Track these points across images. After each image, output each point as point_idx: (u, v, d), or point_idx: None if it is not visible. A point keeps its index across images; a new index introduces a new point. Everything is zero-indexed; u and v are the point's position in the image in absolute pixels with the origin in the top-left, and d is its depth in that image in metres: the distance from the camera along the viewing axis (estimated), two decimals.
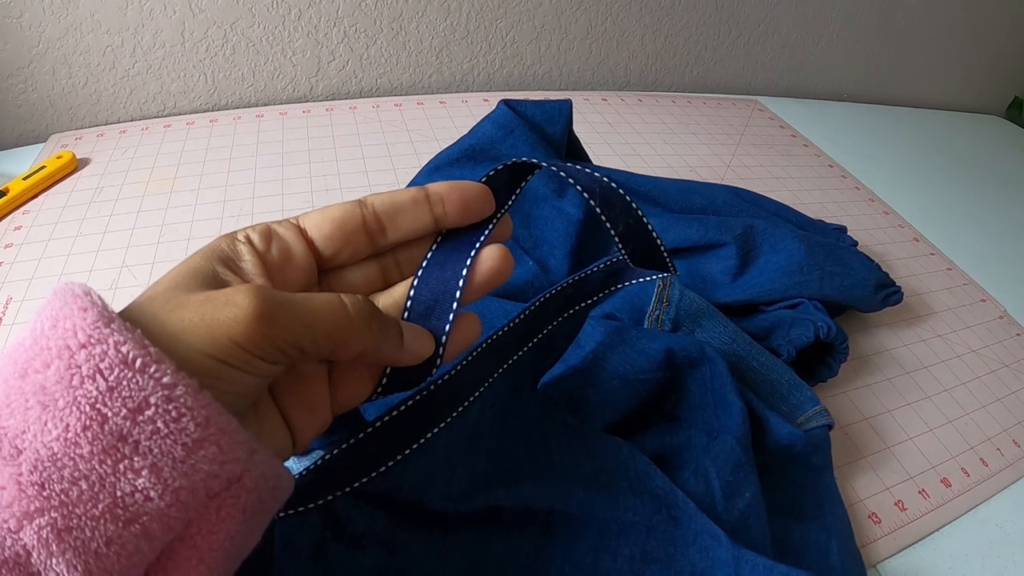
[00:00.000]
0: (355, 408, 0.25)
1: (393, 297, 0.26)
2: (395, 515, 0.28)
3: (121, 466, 0.16)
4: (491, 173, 0.27)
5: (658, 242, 0.28)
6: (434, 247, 0.26)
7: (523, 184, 0.28)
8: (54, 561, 0.15)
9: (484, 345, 0.28)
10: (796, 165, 0.83)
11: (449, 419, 0.26)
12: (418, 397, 0.25)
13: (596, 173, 0.26)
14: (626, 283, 0.33)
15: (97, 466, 0.16)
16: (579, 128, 0.59)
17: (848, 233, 0.62)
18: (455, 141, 0.53)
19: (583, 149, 0.59)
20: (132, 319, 0.18)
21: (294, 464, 0.28)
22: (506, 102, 0.53)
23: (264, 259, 0.23)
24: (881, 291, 0.54)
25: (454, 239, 0.26)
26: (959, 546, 0.42)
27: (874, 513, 0.43)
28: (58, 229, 0.55)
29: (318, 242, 0.24)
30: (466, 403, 0.27)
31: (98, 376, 0.16)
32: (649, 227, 0.27)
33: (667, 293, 0.44)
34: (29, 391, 0.16)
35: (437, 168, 0.51)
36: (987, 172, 0.95)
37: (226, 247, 0.22)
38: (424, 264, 0.26)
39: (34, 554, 0.15)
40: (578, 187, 0.26)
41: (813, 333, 0.46)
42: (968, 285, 0.67)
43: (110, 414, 0.16)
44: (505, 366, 0.29)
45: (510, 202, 0.28)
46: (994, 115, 1.20)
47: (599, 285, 0.33)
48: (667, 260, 0.28)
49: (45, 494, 0.16)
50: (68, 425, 0.16)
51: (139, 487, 0.16)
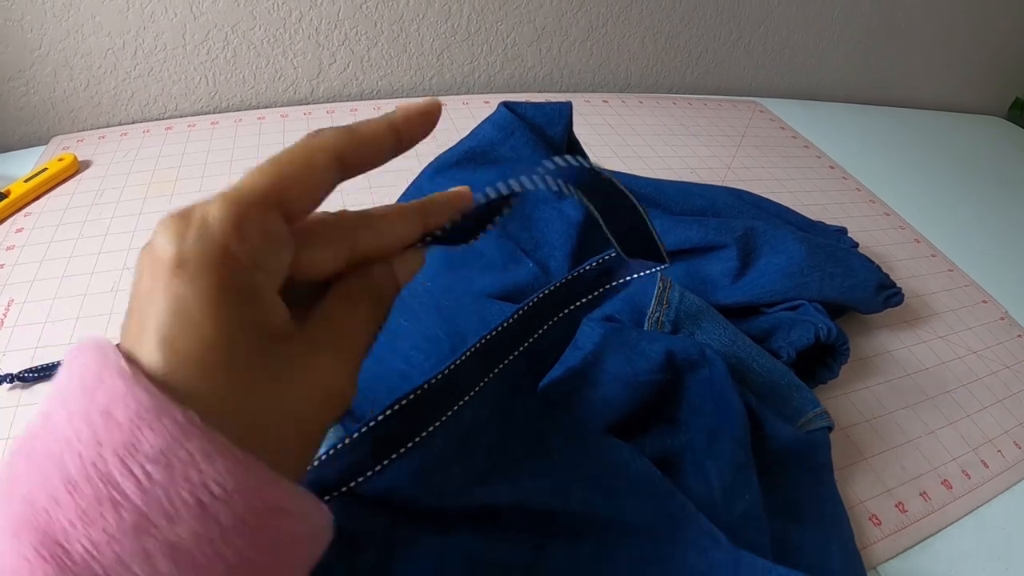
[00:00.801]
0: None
1: None
2: (393, 515, 0.28)
3: None
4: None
5: (645, 219, 0.26)
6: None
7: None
8: None
9: (478, 344, 0.28)
10: (797, 167, 0.83)
11: (444, 418, 0.26)
12: (412, 396, 0.25)
13: (577, 162, 0.24)
14: (620, 280, 0.33)
15: None
16: (580, 130, 0.59)
17: (849, 234, 0.61)
18: (455, 143, 0.53)
19: (583, 151, 0.59)
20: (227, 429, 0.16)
21: None
22: (506, 104, 0.53)
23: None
24: (882, 292, 0.54)
25: None
26: (960, 548, 0.42)
27: (874, 515, 0.43)
28: (60, 231, 0.55)
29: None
30: (460, 402, 0.27)
31: (247, 529, 0.16)
32: (641, 212, 0.26)
33: (667, 295, 0.44)
34: (157, 550, 0.15)
35: (438, 170, 0.51)
36: (988, 173, 0.94)
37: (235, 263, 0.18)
38: None
39: None
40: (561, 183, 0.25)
41: (814, 335, 0.46)
42: (969, 287, 0.67)
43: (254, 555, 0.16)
44: (501, 366, 0.29)
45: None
46: (995, 116, 1.20)
47: (592, 284, 0.33)
48: (656, 244, 0.27)
49: None
50: None
51: None
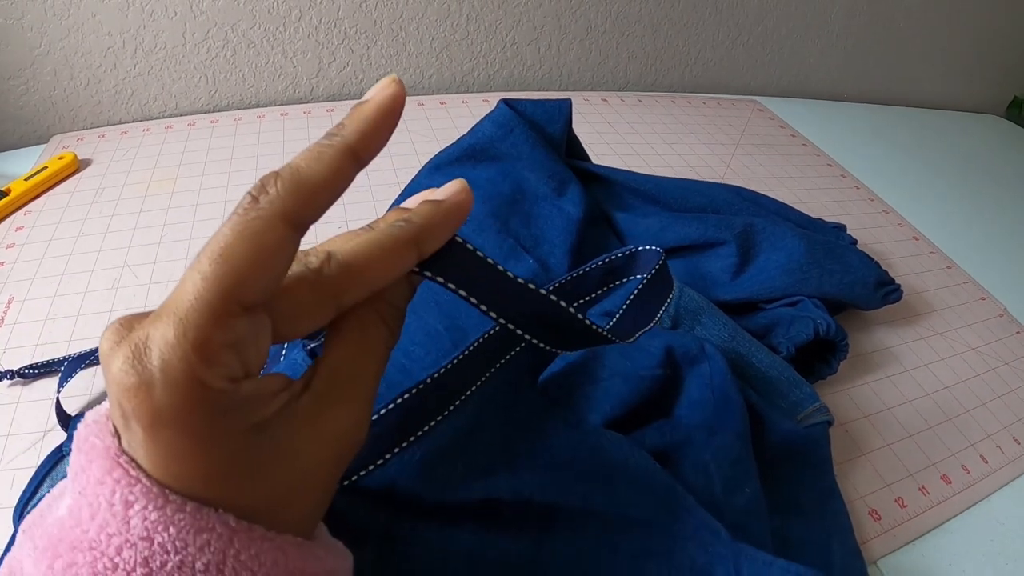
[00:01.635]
0: None
1: None
2: (394, 510, 0.28)
3: None
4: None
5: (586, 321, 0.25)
6: None
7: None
8: None
9: (480, 340, 0.28)
10: (796, 165, 0.83)
11: (446, 412, 0.26)
12: (414, 391, 0.25)
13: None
14: (625, 279, 0.33)
15: None
16: (579, 128, 0.59)
17: (847, 232, 0.62)
18: (455, 140, 0.53)
19: (583, 149, 0.59)
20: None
21: None
22: (506, 101, 0.53)
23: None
24: (881, 289, 0.54)
25: None
26: (959, 543, 0.42)
27: (874, 510, 0.43)
28: (60, 229, 0.55)
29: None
30: (463, 397, 0.27)
31: None
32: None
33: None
34: None
35: (437, 167, 0.52)
36: (987, 171, 0.94)
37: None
38: None
39: None
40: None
41: (813, 330, 0.46)
42: (968, 283, 0.67)
43: None
44: (502, 361, 0.29)
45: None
46: (994, 114, 1.20)
47: (598, 281, 0.33)
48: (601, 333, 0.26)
49: None
50: None
51: None
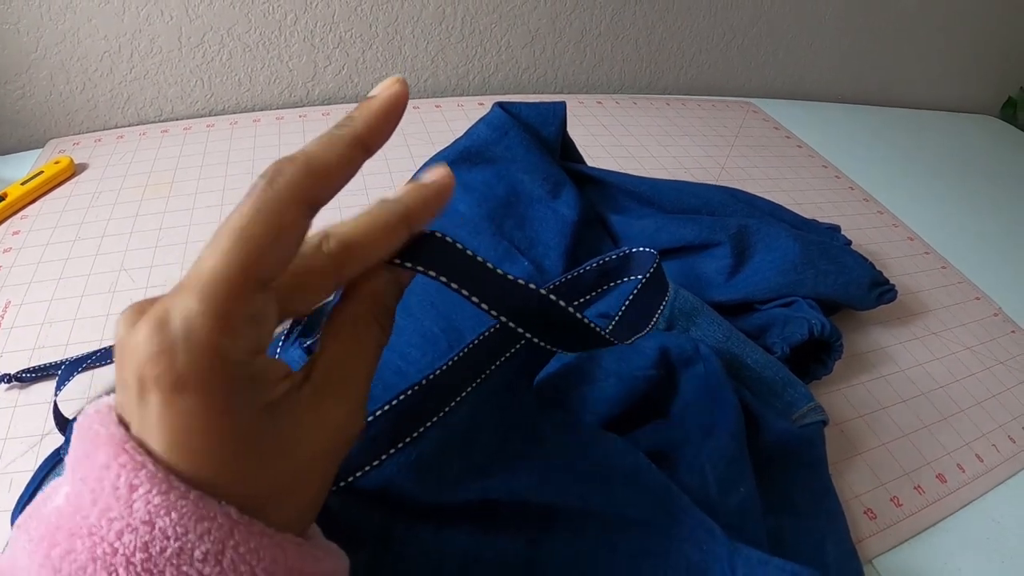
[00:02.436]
0: None
1: None
2: (390, 511, 0.28)
3: None
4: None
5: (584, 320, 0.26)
6: None
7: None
8: None
9: (475, 343, 0.28)
10: (790, 166, 0.83)
11: (441, 413, 0.27)
12: (409, 392, 0.25)
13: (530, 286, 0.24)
14: (620, 281, 0.33)
15: None
16: (574, 131, 0.59)
17: (842, 232, 0.62)
18: (450, 143, 0.53)
19: (577, 151, 0.59)
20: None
21: None
22: (501, 104, 0.53)
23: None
24: (875, 289, 0.54)
25: None
26: (955, 541, 0.42)
27: (869, 509, 0.43)
28: (56, 233, 0.55)
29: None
30: (457, 399, 0.27)
31: None
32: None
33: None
34: None
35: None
36: (981, 171, 0.95)
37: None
38: None
39: None
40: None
41: (807, 330, 0.46)
42: (962, 283, 0.68)
43: None
44: (496, 364, 0.29)
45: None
46: (988, 115, 1.20)
47: (592, 283, 0.33)
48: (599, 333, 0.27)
49: None
50: None
51: None
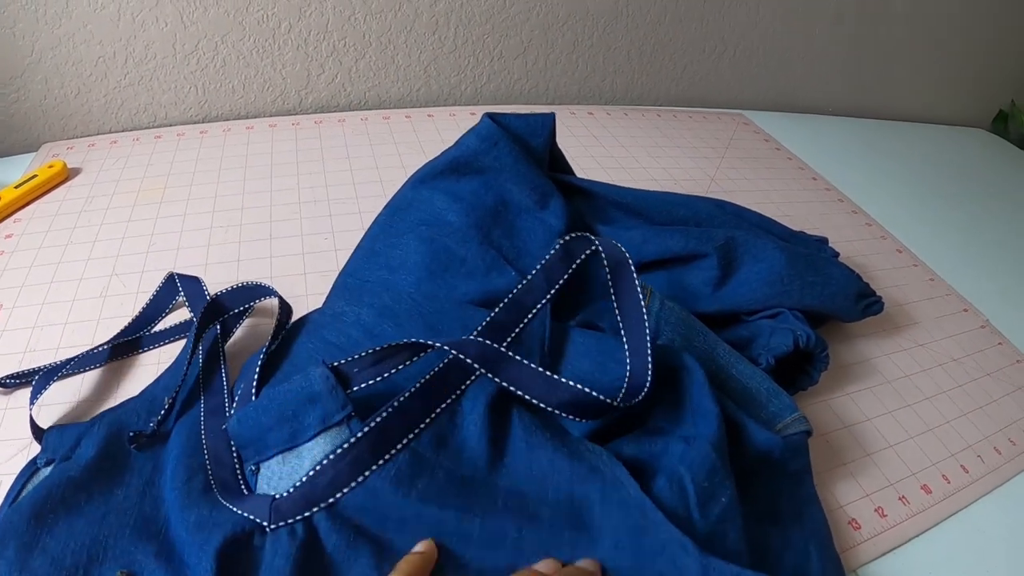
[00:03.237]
0: None
1: None
2: (378, 519, 0.29)
3: None
4: None
5: (566, 382, 0.30)
6: None
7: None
8: None
9: (439, 368, 0.28)
10: (780, 178, 0.83)
11: (429, 419, 0.27)
12: (402, 399, 0.26)
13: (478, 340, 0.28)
14: (584, 254, 0.34)
15: None
16: (565, 141, 0.60)
17: (831, 244, 0.62)
18: (440, 154, 0.53)
19: (566, 162, 0.59)
20: None
21: (285, 479, 0.28)
22: (490, 115, 0.53)
23: None
24: (861, 301, 0.54)
25: None
26: (940, 551, 0.42)
27: (854, 519, 0.43)
28: (49, 237, 0.55)
29: None
30: (431, 417, 0.27)
31: None
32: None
33: (647, 303, 0.44)
34: None
35: (422, 180, 0.52)
36: (971, 184, 0.95)
37: None
38: None
39: None
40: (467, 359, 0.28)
41: (792, 341, 0.46)
42: (950, 296, 0.68)
43: None
44: (463, 387, 0.29)
45: None
46: (979, 128, 1.21)
47: (559, 268, 0.33)
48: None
49: None
50: None
51: None
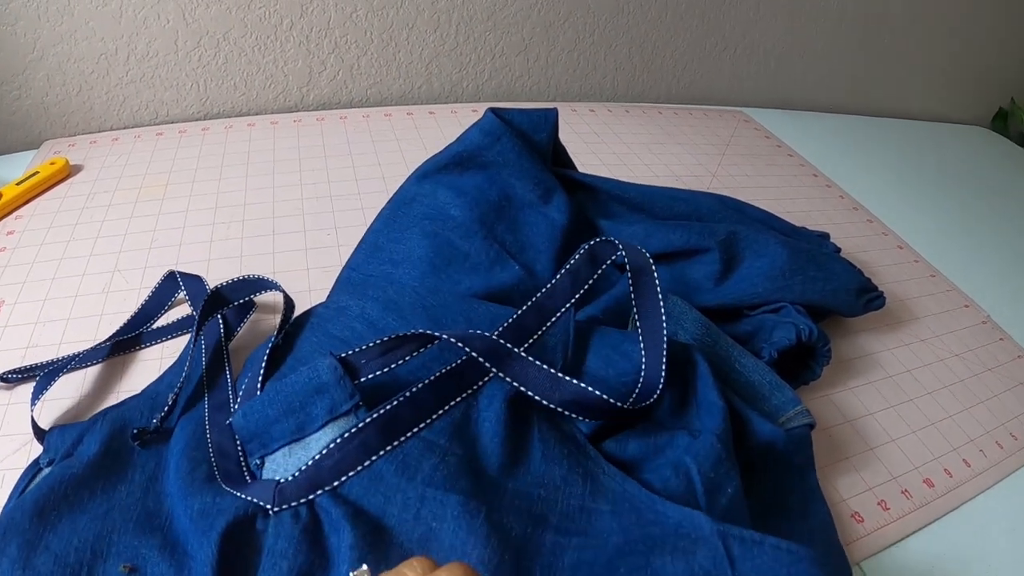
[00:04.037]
0: None
1: None
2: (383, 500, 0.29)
3: None
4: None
5: (573, 381, 0.31)
6: None
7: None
8: None
9: (454, 365, 0.28)
10: (781, 175, 0.84)
11: (441, 411, 0.27)
12: (415, 389, 0.26)
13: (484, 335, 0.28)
14: (610, 260, 0.34)
15: None
16: (566, 138, 0.60)
17: (832, 240, 0.62)
18: (443, 148, 0.53)
19: (569, 157, 0.59)
20: None
21: (291, 470, 0.28)
22: (493, 110, 0.53)
23: None
24: (863, 296, 0.54)
25: None
26: (942, 545, 0.43)
27: (857, 513, 0.43)
28: (51, 234, 0.55)
29: None
30: (455, 400, 0.28)
31: None
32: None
33: None
34: None
35: (425, 175, 0.52)
36: (972, 182, 0.95)
37: None
38: None
39: None
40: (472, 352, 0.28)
41: (795, 335, 0.46)
42: (951, 291, 0.68)
43: None
44: (476, 387, 0.29)
45: None
46: (979, 126, 1.21)
47: (585, 272, 0.33)
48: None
49: None
50: None
51: None
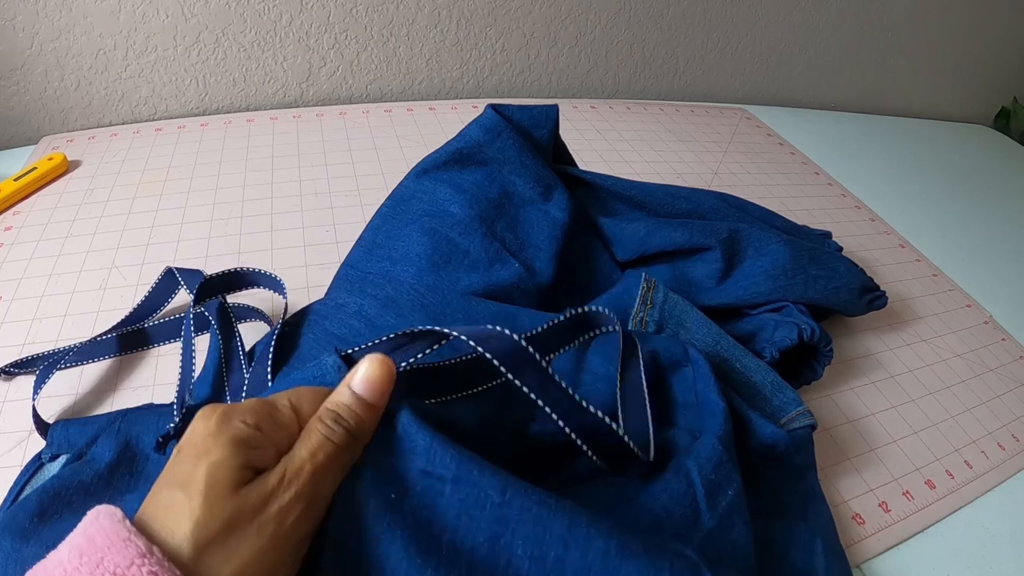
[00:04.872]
0: None
1: None
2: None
3: None
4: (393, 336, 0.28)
5: (591, 410, 0.29)
6: None
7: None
8: None
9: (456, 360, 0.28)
10: (783, 173, 0.83)
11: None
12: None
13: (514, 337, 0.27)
14: (595, 332, 0.35)
15: None
16: (567, 135, 0.60)
17: (834, 239, 0.62)
18: (442, 144, 0.53)
19: (569, 154, 0.59)
20: (197, 566, 0.20)
21: None
22: (493, 106, 0.53)
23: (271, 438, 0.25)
24: (865, 295, 0.54)
25: None
26: (944, 547, 0.42)
27: (858, 514, 0.43)
28: (49, 230, 0.55)
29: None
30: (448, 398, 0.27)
31: None
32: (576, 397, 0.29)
33: (651, 295, 0.44)
34: None
35: (425, 171, 0.52)
36: (974, 180, 0.95)
37: (246, 444, 0.23)
38: None
39: None
40: (487, 354, 0.27)
41: (797, 335, 0.46)
42: (953, 291, 0.68)
43: None
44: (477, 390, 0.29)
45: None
46: (981, 125, 1.21)
47: (566, 335, 0.34)
48: (608, 424, 0.29)
49: None
50: None
51: None
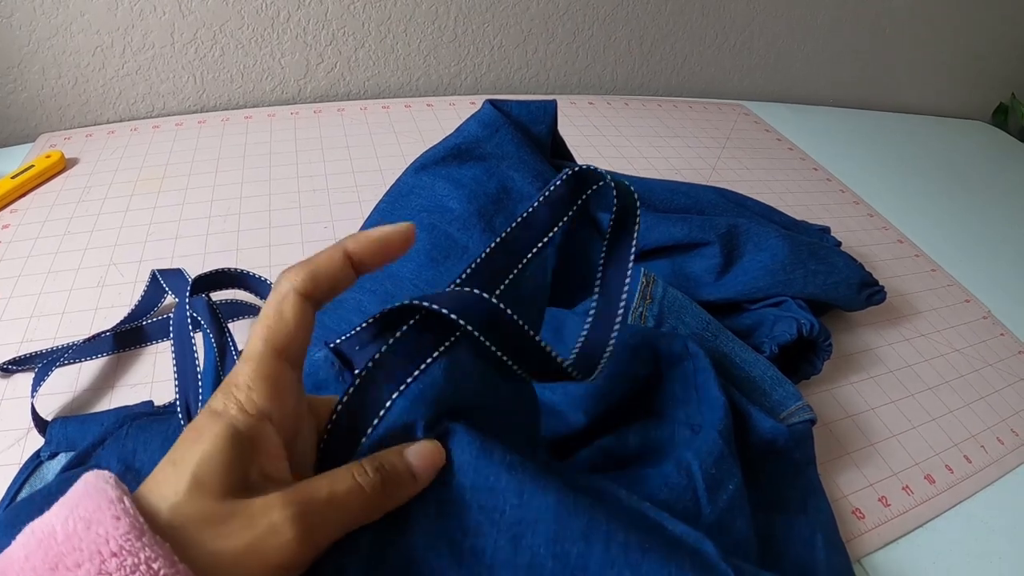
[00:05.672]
0: None
1: None
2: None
3: None
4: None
5: (552, 354, 0.27)
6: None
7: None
8: None
9: (463, 276, 0.27)
10: (781, 168, 0.83)
11: (417, 372, 0.26)
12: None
13: (482, 296, 0.25)
14: (596, 185, 0.31)
15: None
16: (565, 131, 0.60)
17: (832, 234, 0.62)
18: (441, 140, 0.53)
19: (568, 150, 0.59)
20: (166, 532, 0.18)
21: None
22: (491, 101, 0.53)
23: (277, 410, 0.22)
24: (865, 290, 0.54)
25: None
26: (943, 541, 0.43)
27: (857, 509, 0.43)
28: (46, 227, 0.55)
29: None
30: (435, 355, 0.26)
31: None
32: (543, 345, 0.26)
33: (650, 290, 0.44)
34: None
35: (423, 167, 0.52)
36: (972, 176, 0.95)
37: (241, 426, 0.21)
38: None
39: None
40: (468, 327, 0.25)
41: (796, 330, 0.46)
42: (952, 286, 0.68)
43: None
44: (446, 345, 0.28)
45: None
46: (979, 120, 1.21)
47: (568, 198, 0.31)
48: (566, 369, 0.27)
49: None
50: None
51: None
